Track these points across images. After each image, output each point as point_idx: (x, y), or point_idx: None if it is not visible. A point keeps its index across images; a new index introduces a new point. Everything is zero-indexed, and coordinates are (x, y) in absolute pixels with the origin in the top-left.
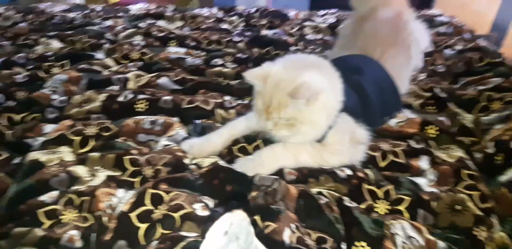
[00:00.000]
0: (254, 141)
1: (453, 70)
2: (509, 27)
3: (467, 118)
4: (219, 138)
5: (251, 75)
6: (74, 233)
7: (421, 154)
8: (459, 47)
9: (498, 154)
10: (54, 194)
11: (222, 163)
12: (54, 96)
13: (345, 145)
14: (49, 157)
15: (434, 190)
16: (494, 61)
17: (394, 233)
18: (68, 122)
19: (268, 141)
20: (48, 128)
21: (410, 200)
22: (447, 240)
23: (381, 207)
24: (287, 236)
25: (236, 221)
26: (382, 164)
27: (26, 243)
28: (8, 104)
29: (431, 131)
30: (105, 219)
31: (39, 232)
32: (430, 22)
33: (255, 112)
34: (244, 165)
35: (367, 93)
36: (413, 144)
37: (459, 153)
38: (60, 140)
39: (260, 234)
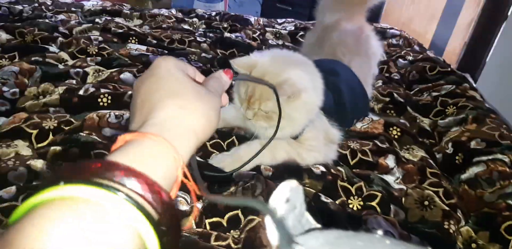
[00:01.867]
0: (228, 137)
1: (408, 78)
2: (445, 47)
3: (425, 122)
4: None
5: (238, 63)
6: None
7: (388, 153)
8: (410, 57)
9: (458, 154)
10: (12, 189)
11: (196, 158)
12: (5, 88)
13: (320, 142)
14: (4, 151)
15: (402, 186)
16: (445, 70)
17: (371, 227)
18: (22, 115)
19: (242, 138)
20: (0, 120)
21: (381, 196)
22: (419, 234)
23: (355, 203)
24: None
25: (293, 189)
26: (352, 162)
27: None
28: None
29: (394, 131)
30: None
31: None
32: (383, 33)
33: (236, 99)
34: (221, 161)
35: (342, 94)
36: (379, 143)
37: (421, 152)
38: (15, 133)
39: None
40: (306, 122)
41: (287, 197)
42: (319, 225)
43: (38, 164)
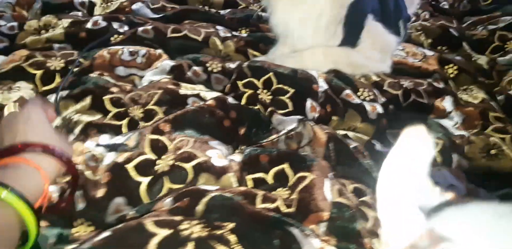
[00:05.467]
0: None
1: (458, 9)
2: None
3: (482, 60)
4: None
5: None
6: (53, 189)
7: (445, 94)
8: None
9: None
10: None
11: (230, 100)
12: (1, 22)
13: (377, 50)
14: (6, 96)
15: (463, 133)
16: None
17: (435, 182)
18: (23, 52)
19: None
20: None
21: (442, 143)
22: (486, 188)
23: None
24: (328, 189)
25: (423, 139)
26: (404, 103)
27: None
28: None
29: (450, 70)
30: (88, 173)
31: None
32: None
33: None
34: (282, 59)
35: None
36: (434, 83)
37: (481, 94)
38: (16, 74)
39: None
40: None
41: (418, 156)
42: (437, 189)
43: None
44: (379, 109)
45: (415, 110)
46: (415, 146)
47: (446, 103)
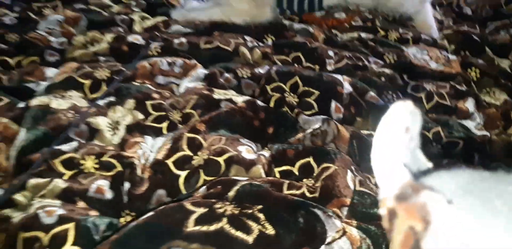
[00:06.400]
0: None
1: (480, 14)
2: None
3: (504, 63)
4: None
5: None
6: (102, 183)
7: (467, 96)
8: None
9: None
10: (74, 144)
11: (259, 102)
12: (52, 38)
13: None
14: (60, 102)
15: (485, 132)
16: None
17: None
18: (73, 64)
19: None
20: (51, 71)
21: (463, 143)
22: None
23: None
24: (350, 179)
25: (412, 113)
26: (428, 105)
27: (46, 195)
28: None
29: (473, 73)
30: (137, 171)
31: (60, 183)
32: None
33: None
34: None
35: None
36: (456, 85)
37: (504, 95)
38: (68, 84)
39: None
40: None
41: (407, 126)
42: (430, 164)
43: (99, 120)
44: None
45: (439, 112)
46: (409, 119)
47: (469, 104)
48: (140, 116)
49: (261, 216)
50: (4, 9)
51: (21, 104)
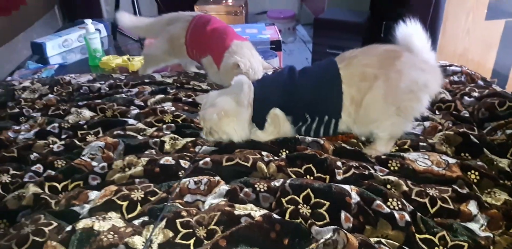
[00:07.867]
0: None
1: (477, 116)
2: (509, 72)
3: (503, 163)
4: None
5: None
6: None
7: (469, 199)
8: (476, 94)
9: None
10: None
11: (275, 216)
12: (94, 163)
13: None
14: (101, 224)
15: (489, 234)
16: None
17: None
18: (113, 187)
19: None
20: (94, 194)
21: (468, 246)
22: None
23: None
24: None
25: None
26: (432, 210)
27: None
28: (48, 173)
29: (473, 176)
30: None
31: None
32: (443, 71)
33: None
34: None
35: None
36: (458, 189)
37: (504, 195)
38: (108, 206)
39: None
40: (241, 131)
41: None
42: None
43: (136, 240)
44: (407, 217)
45: (443, 216)
46: None
47: (471, 207)
48: (171, 234)
49: None
50: (53, 137)
51: (68, 228)
